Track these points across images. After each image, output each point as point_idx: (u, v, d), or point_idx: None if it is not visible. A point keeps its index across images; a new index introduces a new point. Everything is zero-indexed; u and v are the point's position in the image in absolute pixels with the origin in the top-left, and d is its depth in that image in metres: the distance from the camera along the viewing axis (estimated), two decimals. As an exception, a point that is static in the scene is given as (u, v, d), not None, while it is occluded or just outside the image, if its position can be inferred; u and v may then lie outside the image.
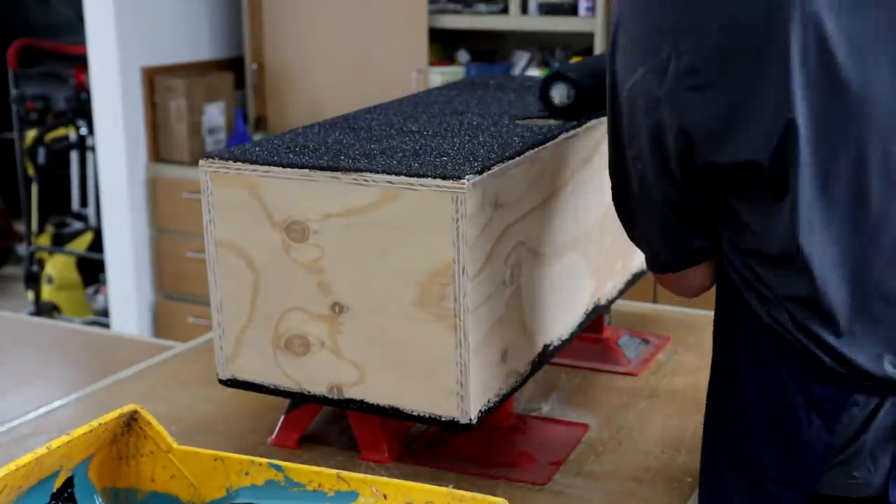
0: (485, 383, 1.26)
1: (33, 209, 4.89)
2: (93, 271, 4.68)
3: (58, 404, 1.60)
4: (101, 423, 1.09)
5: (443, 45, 3.70)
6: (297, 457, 1.39)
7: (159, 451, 1.13)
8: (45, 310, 4.65)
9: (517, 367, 1.34)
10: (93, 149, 4.47)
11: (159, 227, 3.82)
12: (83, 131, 4.86)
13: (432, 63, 3.58)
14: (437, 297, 1.21)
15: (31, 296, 4.79)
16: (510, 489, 1.32)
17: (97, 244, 4.56)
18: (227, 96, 3.87)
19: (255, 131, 3.89)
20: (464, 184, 1.16)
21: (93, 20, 3.67)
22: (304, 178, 1.25)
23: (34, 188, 4.90)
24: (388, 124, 1.46)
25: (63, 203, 5.09)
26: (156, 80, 3.73)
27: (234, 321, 1.35)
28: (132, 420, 1.13)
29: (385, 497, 1.05)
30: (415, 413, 1.27)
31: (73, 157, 4.98)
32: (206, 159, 1.31)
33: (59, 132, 4.96)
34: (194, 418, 1.53)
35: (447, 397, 1.24)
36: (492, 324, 1.25)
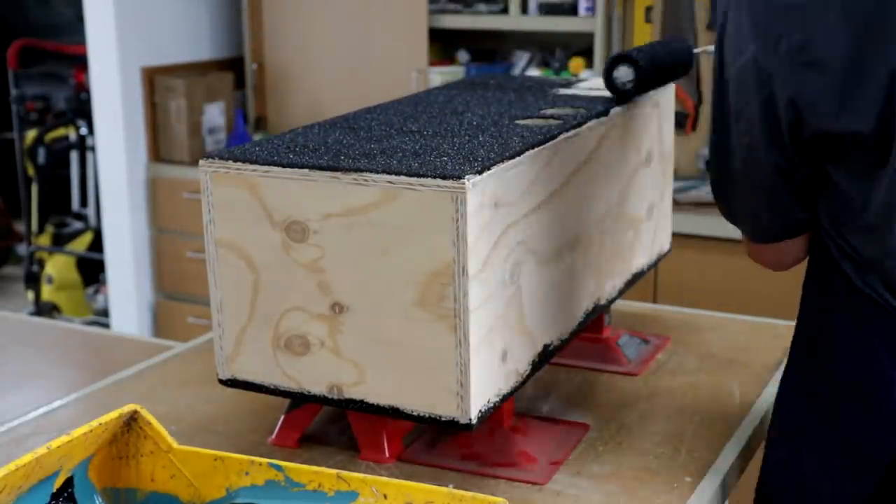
0: (485, 383, 1.26)
1: (33, 209, 4.89)
2: (93, 271, 4.68)
3: (58, 404, 1.60)
4: (101, 423, 1.08)
5: (443, 45, 3.70)
6: (297, 457, 1.39)
7: (159, 451, 1.13)
8: (45, 310, 4.65)
9: (517, 367, 1.34)
10: (93, 149, 4.47)
11: (159, 227, 3.82)
12: (83, 131, 4.86)
13: (432, 63, 3.58)
14: (437, 297, 1.21)
15: (31, 296, 4.80)
16: (510, 489, 1.32)
17: (97, 244, 4.56)
18: (227, 96, 3.87)
19: (255, 131, 3.89)
20: (464, 184, 1.16)
21: (93, 20, 3.67)
22: (305, 177, 1.25)
23: (34, 188, 4.90)
24: (388, 124, 1.46)
25: (63, 203, 5.09)
26: (156, 80, 3.73)
27: (233, 321, 1.35)
28: (132, 420, 1.13)
29: (385, 497, 1.05)
30: (415, 413, 1.27)
31: (73, 157, 4.98)
32: (206, 159, 1.31)
33: (59, 132, 4.96)
34: (194, 418, 1.53)
35: (447, 397, 1.24)
36: (492, 324, 1.25)
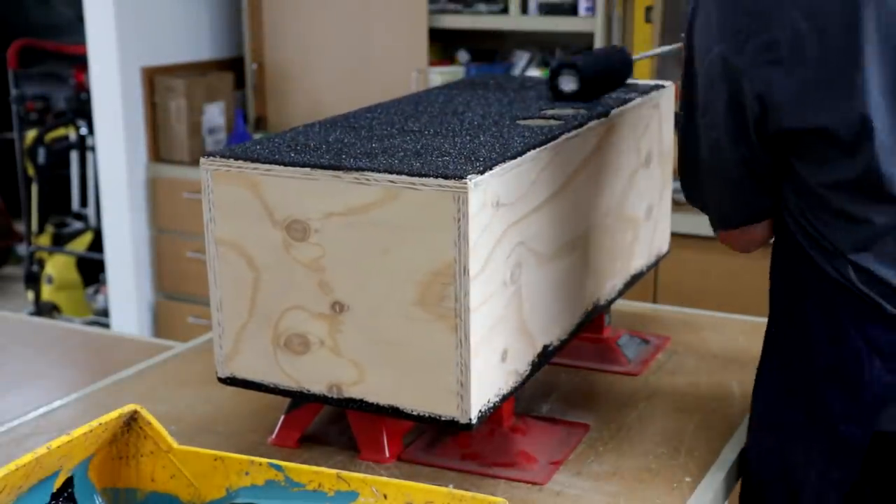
0: (485, 383, 1.25)
1: (33, 209, 4.89)
2: (93, 271, 4.68)
3: (58, 404, 1.60)
4: (101, 423, 1.08)
5: (443, 45, 3.70)
6: (297, 457, 1.39)
7: (159, 451, 1.13)
8: (45, 310, 4.65)
9: (517, 367, 1.33)
10: (93, 149, 4.47)
11: (159, 227, 3.82)
12: (83, 131, 4.86)
13: (432, 63, 3.58)
14: (438, 297, 1.21)
15: (31, 296, 4.79)
16: (510, 489, 1.32)
17: (97, 244, 4.55)
18: (227, 96, 3.87)
19: (255, 131, 3.89)
20: (466, 183, 1.16)
21: (93, 20, 3.67)
22: (306, 176, 1.25)
23: (34, 188, 4.89)
24: (389, 123, 1.46)
25: (63, 203, 5.08)
26: (156, 80, 3.73)
27: (233, 319, 1.34)
28: (132, 420, 1.13)
29: (385, 497, 1.05)
30: (415, 413, 1.27)
31: (73, 157, 4.98)
32: (208, 157, 1.31)
33: (59, 132, 4.96)
34: (194, 418, 1.53)
35: (447, 397, 1.24)
36: (492, 324, 1.25)
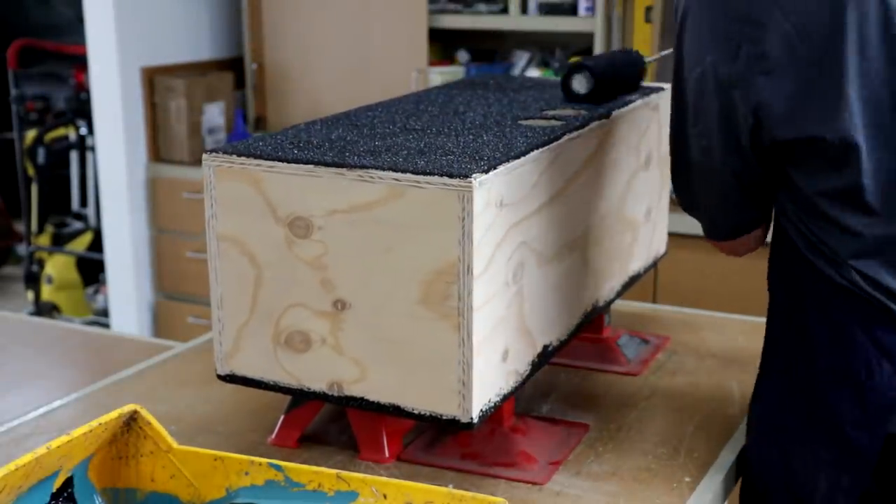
0: (487, 382, 1.25)
1: (33, 209, 4.88)
2: (93, 271, 4.68)
3: (58, 404, 1.60)
4: (100, 423, 1.08)
5: (443, 45, 3.70)
6: (296, 456, 1.38)
7: (159, 451, 1.13)
8: (45, 310, 4.64)
9: (518, 366, 1.33)
10: (93, 149, 4.47)
11: (159, 227, 3.81)
12: (83, 131, 4.85)
13: (432, 63, 3.58)
14: (442, 296, 1.20)
15: (30, 296, 4.79)
16: (510, 489, 1.32)
17: (97, 244, 4.55)
18: (227, 96, 3.87)
19: (254, 131, 3.89)
20: (471, 182, 1.16)
21: (93, 20, 3.67)
22: (309, 173, 1.25)
23: (34, 188, 4.89)
24: (391, 122, 1.45)
25: (63, 203, 5.08)
26: (156, 80, 3.73)
27: (234, 316, 1.34)
28: (132, 420, 1.13)
29: (385, 497, 1.04)
30: (416, 411, 1.27)
31: (73, 157, 4.98)
32: (210, 153, 1.30)
33: (59, 132, 4.96)
34: (194, 418, 1.53)
35: (449, 396, 1.23)
36: (494, 323, 1.25)
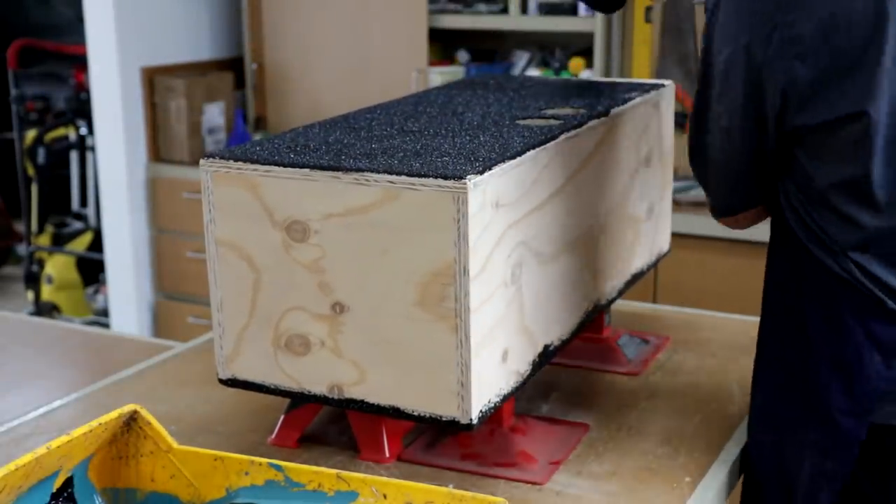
0: (486, 383, 1.25)
1: (33, 209, 4.89)
2: (93, 271, 4.68)
3: (58, 404, 1.60)
4: (100, 423, 1.08)
5: (443, 45, 3.70)
6: (296, 457, 1.39)
7: (159, 451, 1.13)
8: (45, 310, 4.65)
9: (517, 367, 1.33)
10: (93, 149, 4.47)
11: (159, 227, 3.82)
12: (83, 131, 4.86)
13: (432, 63, 3.58)
14: (438, 297, 1.21)
15: (31, 296, 4.79)
16: (510, 489, 1.32)
17: (97, 244, 4.55)
18: (227, 96, 3.87)
19: (255, 131, 3.89)
20: (465, 184, 1.16)
21: (93, 20, 3.67)
22: (305, 177, 1.25)
23: (34, 188, 4.90)
24: (389, 124, 1.46)
25: (63, 203, 5.08)
26: (156, 80, 3.73)
27: (234, 321, 1.34)
28: (132, 420, 1.13)
29: (385, 497, 1.05)
30: (415, 413, 1.27)
31: (73, 157, 4.98)
32: (207, 158, 1.31)
33: (59, 132, 4.96)
34: (194, 418, 1.53)
35: (448, 397, 1.24)
36: (493, 324, 1.25)
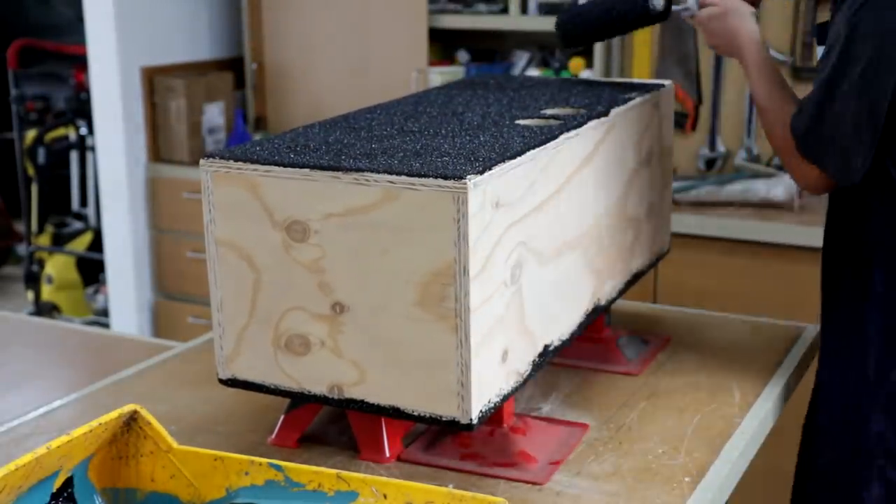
0: (486, 383, 1.25)
1: (33, 209, 4.89)
2: (93, 271, 4.68)
3: (58, 404, 1.60)
4: (100, 423, 1.08)
5: (443, 45, 3.70)
6: (296, 457, 1.39)
7: (159, 451, 1.13)
8: (45, 310, 4.65)
9: (517, 367, 1.33)
10: (93, 149, 4.47)
11: (159, 227, 3.82)
12: (83, 131, 4.86)
13: (432, 63, 3.58)
14: (438, 297, 1.21)
15: (30, 296, 4.79)
16: (510, 489, 1.32)
17: (97, 244, 4.55)
18: (227, 96, 3.87)
19: (255, 131, 3.89)
20: (465, 184, 1.16)
21: (93, 20, 3.67)
22: (305, 177, 1.25)
23: (34, 188, 4.90)
24: (389, 124, 1.46)
25: (63, 203, 5.09)
26: (156, 80, 3.73)
27: (234, 321, 1.34)
28: (132, 420, 1.13)
29: (385, 497, 1.05)
30: (415, 413, 1.27)
31: (73, 157, 4.98)
32: (207, 159, 1.31)
33: (59, 132, 4.96)
34: (194, 418, 1.53)
35: (448, 397, 1.24)
36: (492, 324, 1.25)
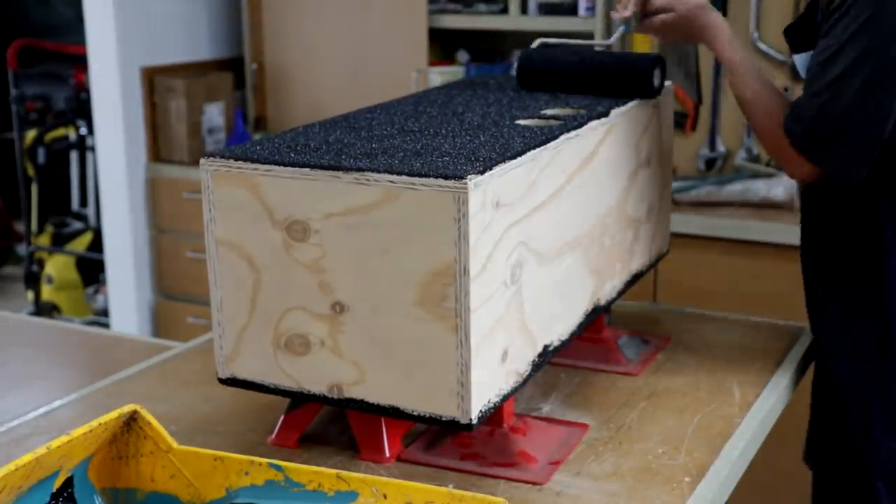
0: (485, 383, 1.25)
1: (33, 209, 4.89)
2: (93, 271, 4.68)
3: (58, 404, 1.60)
4: (100, 423, 1.08)
5: (443, 45, 3.70)
6: (296, 457, 1.39)
7: (159, 451, 1.13)
8: (45, 310, 4.65)
9: (517, 367, 1.33)
10: (93, 149, 4.47)
11: (159, 227, 3.82)
12: (83, 131, 4.86)
13: (432, 63, 3.58)
14: (439, 297, 1.21)
15: (30, 296, 4.79)
16: (510, 489, 1.32)
17: (97, 244, 4.55)
18: (227, 96, 3.87)
19: (254, 131, 3.89)
20: (466, 184, 1.16)
21: (93, 20, 3.67)
22: (306, 177, 1.25)
23: (34, 188, 4.90)
24: (389, 124, 1.46)
25: (63, 203, 5.09)
26: (156, 80, 3.73)
27: (234, 320, 1.34)
28: (132, 420, 1.13)
29: (385, 497, 1.05)
30: (415, 413, 1.27)
31: (73, 157, 4.98)
32: (208, 158, 1.31)
33: (59, 132, 4.96)
34: (194, 418, 1.53)
35: (448, 397, 1.24)
36: (492, 324, 1.25)
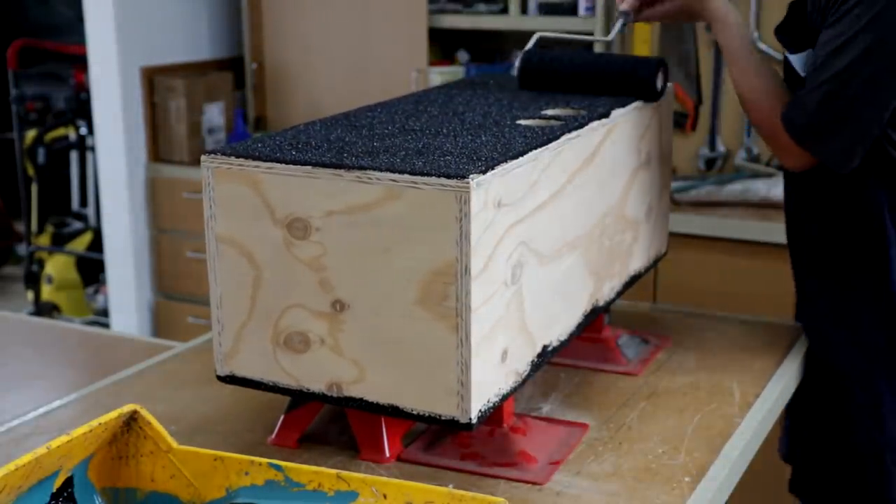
0: (485, 383, 1.25)
1: (33, 209, 4.89)
2: (93, 271, 4.68)
3: (57, 404, 1.60)
4: (100, 423, 1.08)
5: (443, 45, 3.70)
6: (296, 456, 1.39)
7: (159, 450, 1.13)
8: (45, 310, 4.65)
9: (517, 366, 1.33)
10: (93, 149, 4.47)
11: (159, 227, 3.82)
12: (83, 131, 4.86)
13: (432, 63, 3.58)
14: (440, 297, 1.20)
15: (30, 296, 4.79)
16: (510, 489, 1.32)
17: (97, 244, 4.55)
18: (227, 96, 3.87)
19: (254, 131, 3.89)
20: (468, 183, 1.16)
21: (93, 20, 3.67)
22: (307, 174, 1.25)
23: (34, 188, 4.90)
24: (390, 122, 1.46)
25: (63, 203, 5.09)
26: (155, 80, 3.73)
27: (233, 317, 1.34)
28: (132, 420, 1.13)
29: (385, 497, 1.05)
30: (415, 412, 1.27)
31: (73, 157, 4.98)
32: (209, 155, 1.30)
33: (59, 132, 4.96)
34: (194, 418, 1.53)
35: (447, 396, 1.24)
36: (493, 323, 1.25)
